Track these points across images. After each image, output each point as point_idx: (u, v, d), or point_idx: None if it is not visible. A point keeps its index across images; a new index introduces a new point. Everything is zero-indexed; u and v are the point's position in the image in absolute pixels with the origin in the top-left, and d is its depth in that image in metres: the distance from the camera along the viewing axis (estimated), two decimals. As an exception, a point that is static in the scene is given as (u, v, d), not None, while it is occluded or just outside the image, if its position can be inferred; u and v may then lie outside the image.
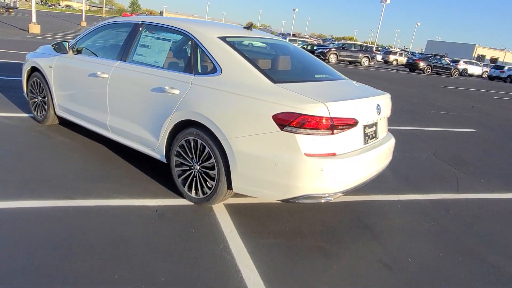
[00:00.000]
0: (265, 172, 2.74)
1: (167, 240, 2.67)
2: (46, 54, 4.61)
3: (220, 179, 2.99)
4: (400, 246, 3.01)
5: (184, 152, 3.21)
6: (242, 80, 2.91)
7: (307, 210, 3.40)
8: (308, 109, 2.60)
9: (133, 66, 3.58)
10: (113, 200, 3.14)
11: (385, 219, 3.45)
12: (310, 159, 2.63)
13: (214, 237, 2.78)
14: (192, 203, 3.25)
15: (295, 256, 2.68)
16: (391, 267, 2.69)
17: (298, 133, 2.62)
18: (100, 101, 3.86)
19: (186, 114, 3.08)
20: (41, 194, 3.08)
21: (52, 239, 2.51)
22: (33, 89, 4.83)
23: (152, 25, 3.66)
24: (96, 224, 2.75)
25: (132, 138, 3.65)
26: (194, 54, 3.24)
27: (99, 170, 3.69)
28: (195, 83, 3.10)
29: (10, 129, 4.54)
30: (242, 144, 2.79)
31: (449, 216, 3.67)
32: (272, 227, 3.04)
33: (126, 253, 2.46)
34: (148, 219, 2.91)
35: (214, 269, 2.42)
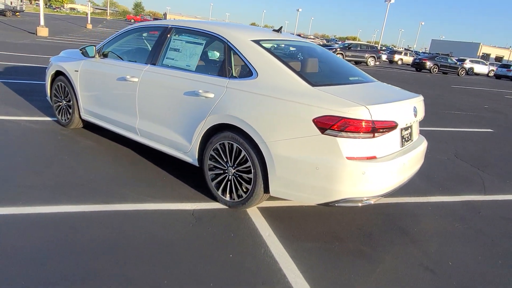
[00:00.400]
0: (305, 175, 2.73)
1: (209, 245, 2.67)
2: (71, 58, 4.63)
3: (257, 183, 2.98)
4: (438, 249, 2.99)
5: (218, 156, 3.21)
6: (280, 83, 2.91)
7: (340, 214, 3.39)
8: (350, 112, 2.59)
9: (164, 70, 3.58)
10: (149, 204, 3.14)
11: (418, 221, 3.43)
12: (352, 162, 2.62)
13: (254, 241, 2.78)
14: (226, 206, 3.25)
15: (337, 260, 2.67)
16: (434, 271, 2.68)
17: (339, 136, 2.61)
18: (129, 105, 3.87)
19: (222, 117, 3.08)
20: (79, 198, 3.09)
21: (98, 244, 2.52)
22: (58, 93, 4.85)
23: (183, 28, 3.66)
24: (138, 229, 2.75)
25: (162, 142, 3.65)
26: (228, 58, 3.24)
27: (129, 174, 3.70)
28: (230, 86, 3.10)
29: (36, 133, 4.56)
30: (281, 147, 2.79)
31: (480, 218, 3.65)
32: (308, 231, 3.03)
33: (172, 258, 2.46)
34: (186, 223, 2.92)
35: (260, 274, 2.42)
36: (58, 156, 3.92)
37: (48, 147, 4.15)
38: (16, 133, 4.45)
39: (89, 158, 3.96)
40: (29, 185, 3.21)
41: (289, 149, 2.76)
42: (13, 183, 3.22)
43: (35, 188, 3.18)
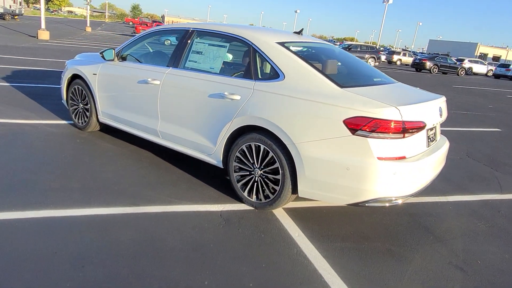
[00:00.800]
0: (335, 176, 2.76)
1: (242, 245, 2.69)
2: (88, 62, 4.65)
3: (285, 184, 3.01)
4: (464, 248, 3.02)
5: (245, 157, 3.23)
6: (308, 85, 2.94)
7: (364, 214, 3.42)
8: (381, 113, 2.63)
9: (187, 73, 3.61)
10: (177, 206, 3.16)
11: (442, 221, 3.46)
12: (382, 162, 2.65)
13: (285, 242, 2.80)
14: (252, 208, 3.27)
15: (369, 260, 2.70)
16: (464, 270, 2.71)
17: (370, 137, 2.64)
18: (150, 107, 3.89)
19: (249, 119, 3.10)
20: (108, 201, 3.11)
21: (134, 246, 2.53)
22: (74, 97, 4.87)
23: (205, 31, 3.69)
24: (170, 230, 2.77)
25: (185, 144, 3.67)
26: (253, 60, 3.27)
27: (153, 176, 3.72)
28: (257, 88, 3.12)
29: (55, 136, 4.57)
30: (311, 148, 2.81)
31: (502, 217, 3.68)
32: (336, 231, 3.06)
33: (208, 259, 2.49)
34: (216, 225, 2.94)
35: (296, 274, 2.44)
36: (80, 159, 3.93)
37: (69, 150, 4.16)
38: (36, 137, 4.46)
39: (111, 161, 3.98)
40: (57, 188, 3.23)
41: (319, 150, 2.79)
42: (41, 186, 3.24)
43: (63, 190, 3.20)
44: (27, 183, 3.27)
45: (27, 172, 3.47)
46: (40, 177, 3.41)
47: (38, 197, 3.05)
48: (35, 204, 2.93)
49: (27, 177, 3.38)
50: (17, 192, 3.09)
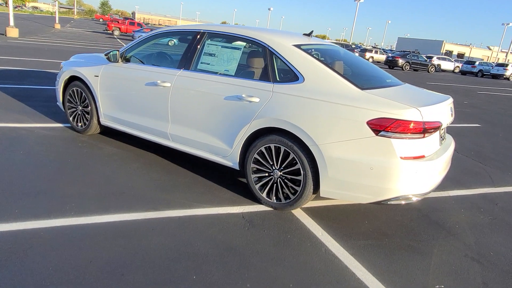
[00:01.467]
0: (359, 175, 2.84)
1: (271, 247, 2.73)
2: (88, 63, 4.53)
3: (307, 184, 3.06)
4: (476, 240, 3.18)
5: (263, 159, 3.26)
6: (329, 87, 3.00)
7: (377, 211, 3.53)
8: (404, 114, 2.73)
9: (200, 75, 3.59)
10: (197, 209, 3.16)
11: (449, 215, 3.62)
12: (405, 162, 2.75)
13: (311, 242, 2.86)
14: (271, 208, 3.31)
15: (393, 256, 2.80)
16: (480, 262, 2.86)
17: (393, 137, 2.73)
18: (159, 110, 3.84)
19: (269, 121, 3.13)
20: (127, 206, 3.06)
21: (167, 252, 2.52)
22: (72, 99, 4.73)
23: (217, 33, 3.68)
24: (197, 234, 2.77)
25: (198, 146, 3.66)
26: (271, 63, 3.29)
27: (165, 179, 3.68)
28: (276, 91, 3.16)
29: (55, 140, 4.43)
30: (334, 149, 2.88)
31: (500, 210, 3.89)
32: (356, 229, 3.15)
33: (243, 262, 2.51)
34: (241, 227, 2.96)
35: (330, 273, 2.50)
36: (88, 164, 3.84)
37: (73, 155, 4.05)
38: (35, 141, 4.31)
39: (120, 165, 3.90)
40: (72, 195, 3.15)
41: (342, 151, 2.86)
42: (56, 193, 3.14)
43: (79, 197, 3.12)
44: (41, 190, 3.16)
45: (37, 179, 3.36)
46: (51, 183, 3.31)
47: (57, 204, 2.96)
48: (56, 212, 2.85)
49: (39, 184, 3.27)
50: (33, 200, 2.99)
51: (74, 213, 2.86)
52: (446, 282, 2.55)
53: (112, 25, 36.81)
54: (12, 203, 2.90)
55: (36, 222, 2.68)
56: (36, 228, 2.61)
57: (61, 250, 2.41)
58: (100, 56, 4.59)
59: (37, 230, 2.59)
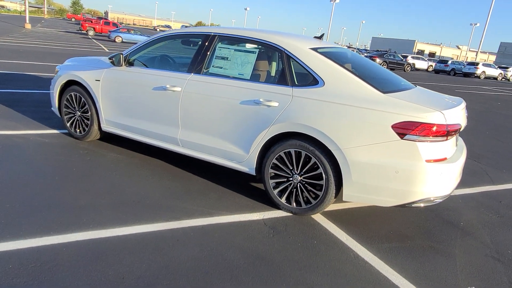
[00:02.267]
0: (384, 179, 2.84)
1: (300, 254, 2.69)
2: (87, 67, 4.35)
3: (329, 189, 3.04)
4: (491, 239, 3.25)
5: (283, 164, 3.22)
6: (350, 91, 2.99)
7: (391, 212, 3.56)
8: (428, 117, 2.75)
9: (212, 79, 3.51)
10: (218, 217, 3.08)
11: (459, 214, 3.69)
12: (430, 164, 2.77)
13: (338, 247, 2.84)
14: (290, 213, 3.27)
15: (420, 258, 2.82)
16: (501, 260, 2.92)
17: (418, 141, 2.75)
18: (168, 115, 3.73)
19: (289, 126, 3.09)
20: (146, 217, 2.95)
21: (198, 263, 2.44)
22: (70, 104, 4.53)
23: (230, 37, 3.60)
24: (224, 244, 2.70)
25: (211, 152, 3.58)
26: (288, 66, 3.25)
27: (178, 187, 3.58)
28: (296, 95, 3.12)
29: (54, 148, 4.23)
30: (358, 153, 2.87)
31: (505, 207, 4.00)
32: (377, 232, 3.15)
33: (276, 270, 2.46)
34: (266, 234, 2.90)
35: (364, 279, 2.49)
36: (94, 172, 3.68)
37: (76, 163, 3.88)
38: (33, 150, 4.10)
39: (127, 173, 3.77)
40: (85, 206, 3.00)
41: (366, 155, 2.86)
42: (68, 205, 2.99)
43: (94, 208, 2.98)
44: (51, 203, 3.00)
45: (45, 191, 3.19)
46: (61, 195, 3.15)
47: (72, 217, 2.82)
48: (74, 225, 2.71)
49: (48, 196, 3.11)
50: (46, 213, 2.83)
51: (93, 226, 2.73)
52: (475, 283, 2.59)
53: (86, 25, 35.75)
54: (25, 218, 2.74)
55: (55, 237, 2.54)
56: (57, 243, 2.47)
57: (89, 266, 2.28)
58: (100, 59, 4.42)
59: (59, 246, 2.45)
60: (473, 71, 34.40)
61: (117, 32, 30.02)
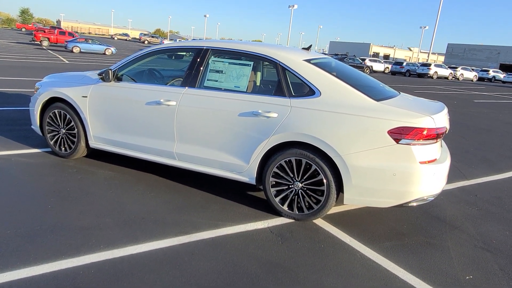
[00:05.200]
0: (382, 182, 3.03)
1: (311, 258, 2.80)
2: (71, 83, 4.25)
3: (330, 194, 3.19)
4: (476, 231, 3.53)
5: (283, 172, 3.33)
6: (346, 100, 3.16)
7: (383, 212, 3.76)
8: (421, 122, 2.97)
9: (208, 92, 3.56)
10: (225, 228, 3.13)
11: (443, 209, 3.96)
12: (424, 166, 2.99)
13: (344, 249, 2.99)
14: (291, 220, 3.38)
15: (419, 253, 3.02)
16: (489, 250, 3.19)
17: (413, 144, 2.96)
18: (164, 129, 3.74)
19: (290, 135, 3.21)
20: (154, 233, 2.95)
21: (219, 276, 2.48)
22: (54, 122, 4.40)
23: (223, 50, 3.67)
24: (237, 254, 2.76)
25: (209, 164, 3.62)
26: (284, 78, 3.38)
27: (178, 200, 3.59)
28: (295, 105, 3.25)
29: (41, 168, 4.09)
30: (358, 159, 3.04)
31: (481, 200, 4.34)
32: (375, 231, 3.33)
33: (294, 276, 2.55)
34: (275, 242, 2.99)
35: (375, 277, 2.64)
36: (89, 191, 3.61)
37: (68, 182, 3.78)
38: (19, 171, 3.94)
39: (124, 190, 3.72)
40: (90, 227, 2.95)
41: (365, 160, 3.03)
42: (71, 227, 2.93)
43: (99, 228, 2.94)
44: (54, 225, 2.93)
45: (44, 214, 3.10)
46: (61, 217, 3.08)
47: (80, 239, 2.76)
48: (84, 247, 2.66)
49: (47, 219, 3.02)
50: (52, 236, 2.76)
51: (104, 246, 2.70)
52: (472, 273, 2.81)
53: (39, 35, 34.18)
54: (30, 243, 2.66)
55: (69, 261, 2.49)
56: (71, 267, 2.43)
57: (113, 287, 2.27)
58: (85, 74, 4.33)
59: (75, 270, 2.41)
60: (426, 72, 36.36)
61: (74, 42, 28.95)
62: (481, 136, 8.27)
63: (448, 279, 2.70)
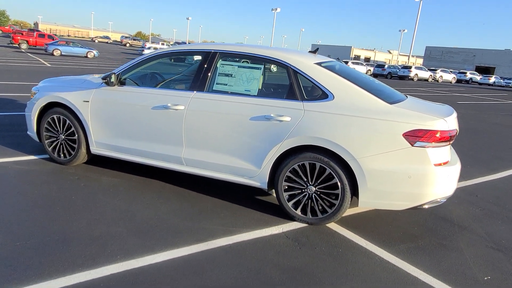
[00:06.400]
0: (397, 184, 3.04)
1: (332, 263, 2.78)
2: (73, 87, 4.12)
3: (345, 197, 3.18)
4: (484, 231, 3.59)
5: (297, 176, 3.31)
6: (360, 103, 3.16)
7: (394, 215, 3.78)
8: (434, 125, 2.99)
9: (218, 96, 3.51)
10: (241, 234, 3.08)
11: (449, 210, 4.02)
12: (438, 168, 3.02)
13: (362, 253, 2.98)
14: (305, 224, 3.36)
15: (436, 255, 3.04)
16: (500, 250, 3.24)
17: (427, 146, 2.98)
18: (171, 134, 3.66)
19: (304, 139, 3.19)
20: (170, 241, 2.87)
21: (243, 283, 2.43)
22: (52, 128, 4.25)
23: (231, 53, 3.62)
24: (258, 261, 2.71)
25: (219, 169, 3.57)
26: (296, 82, 3.35)
27: (186, 207, 3.51)
28: (308, 109, 3.23)
29: (41, 176, 3.94)
30: (373, 162, 3.04)
31: (482, 200, 4.42)
32: (389, 234, 3.34)
33: (319, 281, 2.52)
34: (293, 247, 2.96)
35: (397, 280, 2.64)
36: (96, 199, 3.49)
37: (72, 190, 3.65)
38: (19, 180, 3.79)
39: (131, 197, 3.62)
40: (102, 236, 2.85)
41: (380, 163, 3.04)
42: (83, 237, 2.82)
43: (113, 238, 2.84)
44: (64, 235, 2.81)
45: (53, 224, 2.98)
46: (71, 226, 2.96)
47: (93, 249, 2.66)
48: (100, 258, 2.56)
49: (56, 228, 2.91)
50: (63, 248, 2.65)
51: (121, 257, 2.61)
52: (488, 273, 2.85)
53: (18, 37, 33.26)
54: (44, 256, 2.55)
55: (87, 273, 2.39)
56: (91, 280, 2.33)
57: (136, 300, 2.19)
58: (85, 79, 4.21)
59: (95, 282, 2.31)
60: (407, 74, 37.13)
61: (55, 45, 28.26)
62: (471, 137, 8.47)
63: (468, 280, 2.73)
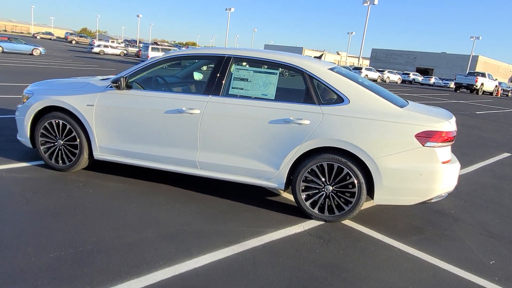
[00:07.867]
0: (410, 181, 3.31)
1: (361, 257, 2.98)
2: (74, 90, 3.96)
3: (361, 195, 3.40)
4: (475, 220, 3.99)
5: (315, 176, 3.47)
6: (374, 107, 3.39)
7: (393, 209, 4.08)
8: (441, 126, 3.30)
9: (235, 100, 3.57)
10: (269, 235, 3.18)
11: (440, 203, 4.39)
12: (445, 165, 3.33)
13: (383, 247, 3.21)
14: (321, 222, 3.53)
15: (444, 244, 3.35)
16: (493, 236, 3.63)
17: (436, 146, 3.28)
18: (185, 138, 3.66)
19: (323, 141, 3.36)
20: (204, 245, 2.90)
21: (290, 282, 2.54)
22: (49, 133, 4.05)
23: (246, 58, 3.69)
24: (295, 259, 2.83)
25: (235, 172, 3.64)
26: (312, 87, 3.51)
27: (206, 209, 3.54)
28: (326, 112, 3.40)
29: (43, 184, 3.75)
30: (388, 161, 3.29)
31: (463, 193, 4.88)
32: (398, 227, 3.61)
33: (356, 275, 2.70)
34: (320, 244, 3.12)
35: (422, 268, 2.89)
36: (111, 206, 3.41)
37: (83, 197, 3.53)
38: (17, 188, 3.58)
39: (147, 202, 3.57)
40: (135, 242, 2.82)
41: (395, 162, 3.29)
42: (116, 244, 2.77)
43: (145, 244, 2.82)
44: (96, 245, 2.74)
45: (78, 232, 2.89)
46: (99, 234, 2.89)
47: (132, 257, 2.63)
48: (142, 265, 2.55)
49: (85, 238, 2.82)
50: (100, 257, 2.59)
51: (164, 262, 2.60)
52: (491, 258, 3.20)
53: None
54: (85, 266, 2.48)
55: (137, 281, 2.37)
56: (145, 286, 2.32)
57: (198, 304, 2.22)
58: (87, 82, 4.05)
59: (150, 289, 2.30)
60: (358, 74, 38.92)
61: (-5, 41, 26.14)
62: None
63: (478, 265, 3.05)
